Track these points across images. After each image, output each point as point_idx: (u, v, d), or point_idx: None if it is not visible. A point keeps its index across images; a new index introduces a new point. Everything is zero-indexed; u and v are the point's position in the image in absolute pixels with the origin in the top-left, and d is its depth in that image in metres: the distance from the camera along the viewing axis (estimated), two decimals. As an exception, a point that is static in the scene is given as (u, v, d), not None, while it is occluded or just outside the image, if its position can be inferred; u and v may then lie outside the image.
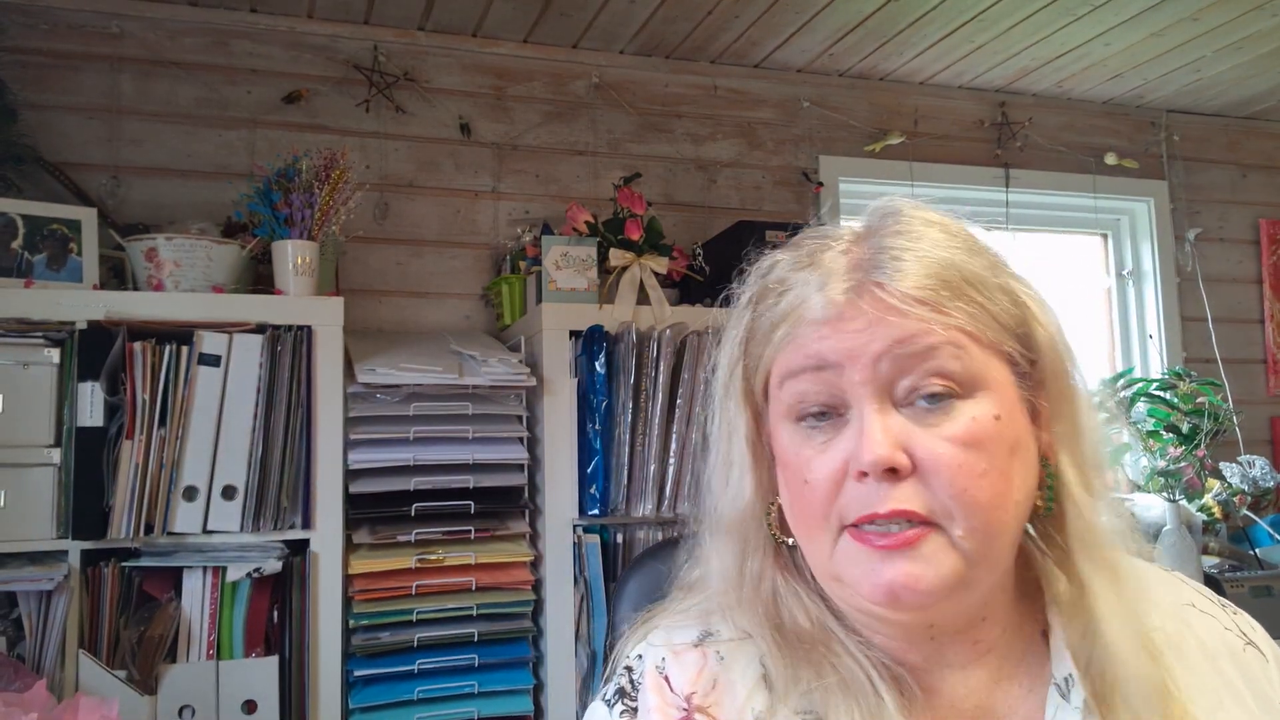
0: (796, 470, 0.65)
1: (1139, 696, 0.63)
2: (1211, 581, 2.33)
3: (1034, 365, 0.66)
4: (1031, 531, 0.69)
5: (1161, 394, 2.68)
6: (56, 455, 1.73)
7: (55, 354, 1.74)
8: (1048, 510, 0.67)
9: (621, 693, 0.71)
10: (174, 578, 1.77)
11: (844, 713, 0.63)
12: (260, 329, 1.86)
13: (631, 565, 2.00)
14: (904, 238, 0.65)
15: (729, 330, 0.73)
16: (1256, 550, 2.55)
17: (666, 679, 0.69)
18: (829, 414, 0.64)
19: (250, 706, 1.75)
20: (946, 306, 0.62)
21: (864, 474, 0.61)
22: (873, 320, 0.62)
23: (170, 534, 1.76)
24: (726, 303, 0.76)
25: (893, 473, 0.60)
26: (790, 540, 0.70)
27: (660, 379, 2.05)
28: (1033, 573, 0.70)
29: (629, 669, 0.72)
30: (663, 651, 0.71)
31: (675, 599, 0.76)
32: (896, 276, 0.62)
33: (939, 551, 0.60)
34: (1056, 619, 0.67)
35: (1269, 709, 0.68)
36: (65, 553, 1.72)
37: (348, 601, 1.87)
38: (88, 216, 1.92)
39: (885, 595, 0.61)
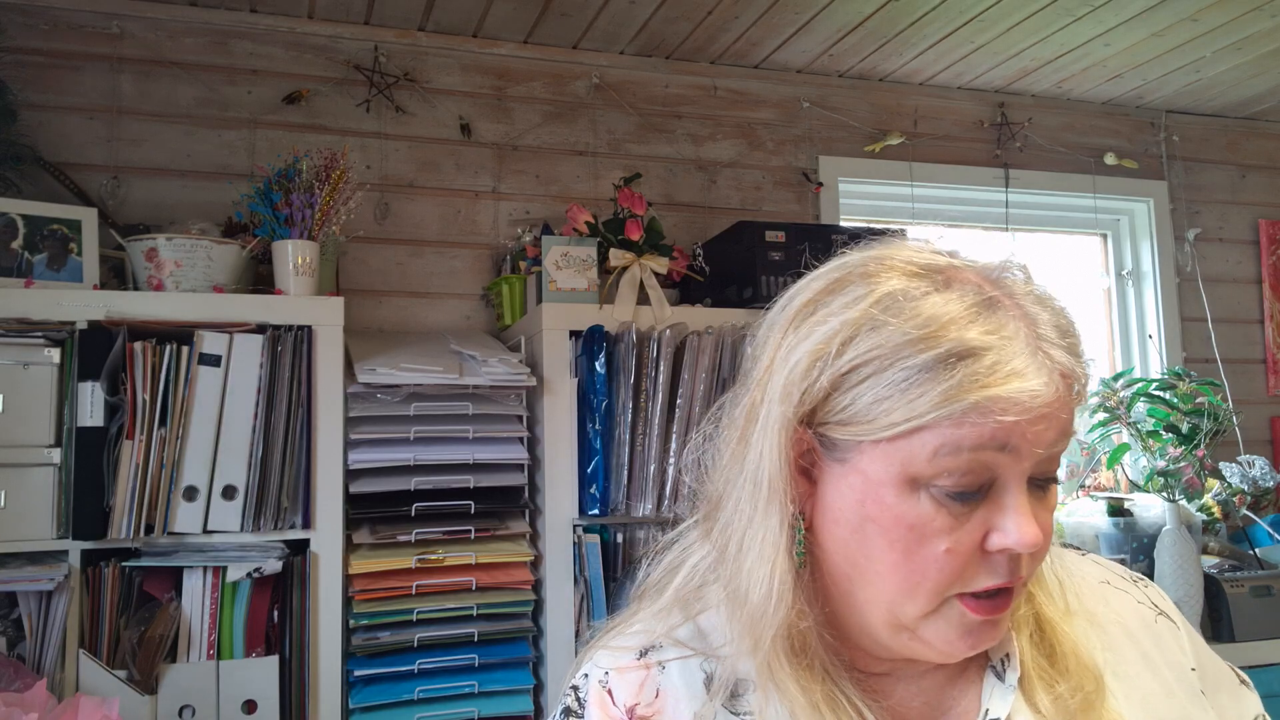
0: (927, 537, 0.62)
1: (1076, 662, 0.68)
2: (1211, 581, 2.33)
3: None
4: None
5: (1161, 394, 2.68)
6: (57, 455, 1.73)
7: (55, 354, 1.74)
8: None
9: (568, 712, 0.73)
10: (174, 578, 1.77)
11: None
12: (260, 329, 1.86)
13: (632, 565, 2.01)
14: (1051, 313, 0.64)
15: (805, 344, 0.65)
16: (1256, 550, 2.55)
17: (610, 693, 0.71)
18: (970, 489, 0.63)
19: (250, 706, 1.75)
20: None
21: (1003, 551, 0.63)
22: (1054, 411, 0.61)
23: (170, 534, 1.76)
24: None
25: None
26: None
27: (660, 379, 2.05)
28: None
29: (575, 688, 0.74)
30: (606, 667, 0.73)
31: (618, 619, 0.78)
32: (1071, 366, 0.63)
33: (1010, 608, 0.66)
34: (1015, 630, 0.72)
35: (1181, 675, 0.73)
36: (65, 553, 1.72)
37: (348, 601, 1.88)
38: (88, 216, 1.93)
39: (969, 651, 0.65)
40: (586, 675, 0.74)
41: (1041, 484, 0.65)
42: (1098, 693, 0.68)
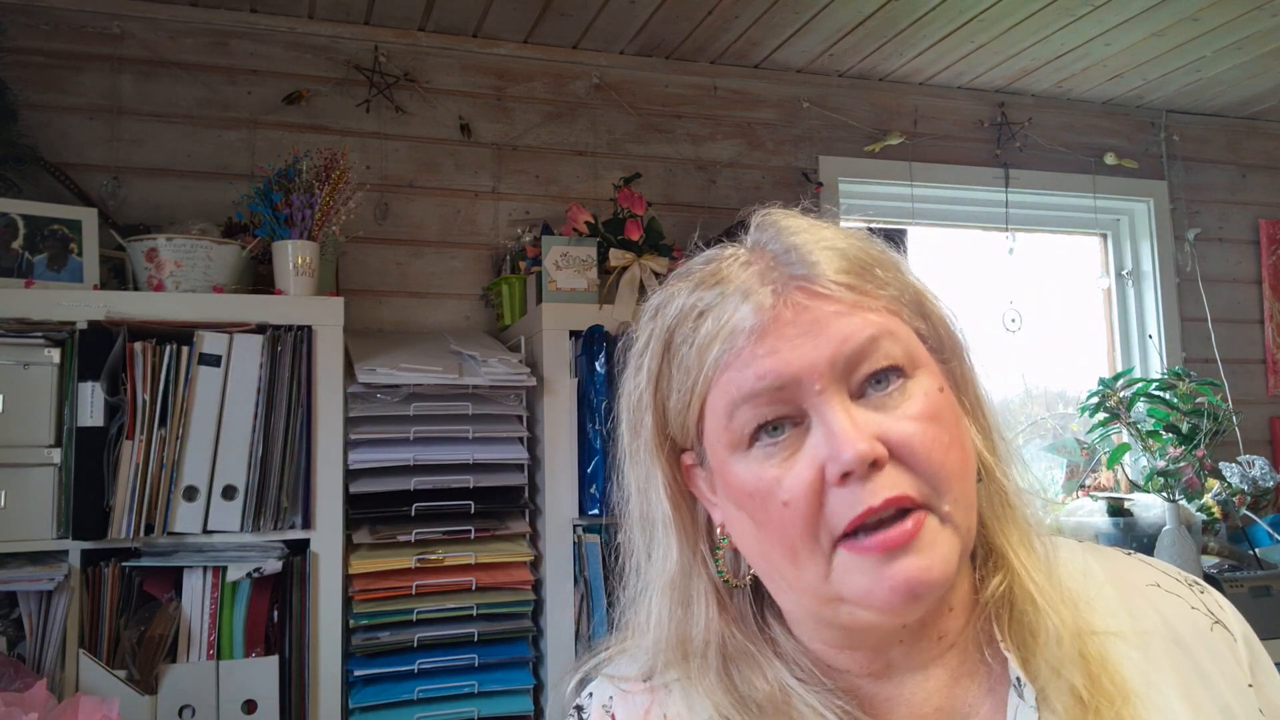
0: (767, 496, 0.61)
1: (1064, 688, 0.62)
2: (1211, 581, 2.33)
3: (937, 346, 0.66)
4: None
5: (1161, 394, 2.68)
6: (57, 455, 1.73)
7: (56, 354, 1.75)
8: (978, 481, 0.66)
9: None
10: (174, 578, 1.77)
11: None
12: (260, 329, 1.86)
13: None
14: (801, 236, 0.65)
15: (630, 379, 0.69)
16: (1256, 550, 2.56)
17: (613, 717, 0.69)
18: (784, 425, 0.61)
19: (250, 706, 1.75)
20: (869, 289, 0.63)
21: (846, 475, 0.58)
22: (812, 322, 0.61)
23: (170, 534, 1.76)
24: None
25: (873, 465, 0.59)
26: (740, 583, 0.68)
27: (660, 379, 2.05)
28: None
29: (579, 708, 0.72)
30: (610, 690, 0.71)
31: (625, 633, 0.75)
32: (816, 269, 0.62)
33: (937, 534, 0.59)
34: (993, 610, 0.66)
35: (1237, 689, 0.66)
36: (65, 553, 1.72)
37: (348, 601, 1.88)
38: (88, 216, 1.93)
39: (903, 597, 0.58)
40: (591, 695, 0.72)
41: (876, 388, 0.61)
42: (1128, 710, 0.62)
